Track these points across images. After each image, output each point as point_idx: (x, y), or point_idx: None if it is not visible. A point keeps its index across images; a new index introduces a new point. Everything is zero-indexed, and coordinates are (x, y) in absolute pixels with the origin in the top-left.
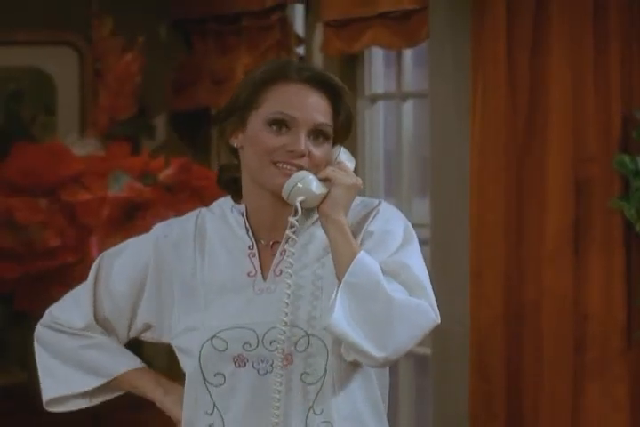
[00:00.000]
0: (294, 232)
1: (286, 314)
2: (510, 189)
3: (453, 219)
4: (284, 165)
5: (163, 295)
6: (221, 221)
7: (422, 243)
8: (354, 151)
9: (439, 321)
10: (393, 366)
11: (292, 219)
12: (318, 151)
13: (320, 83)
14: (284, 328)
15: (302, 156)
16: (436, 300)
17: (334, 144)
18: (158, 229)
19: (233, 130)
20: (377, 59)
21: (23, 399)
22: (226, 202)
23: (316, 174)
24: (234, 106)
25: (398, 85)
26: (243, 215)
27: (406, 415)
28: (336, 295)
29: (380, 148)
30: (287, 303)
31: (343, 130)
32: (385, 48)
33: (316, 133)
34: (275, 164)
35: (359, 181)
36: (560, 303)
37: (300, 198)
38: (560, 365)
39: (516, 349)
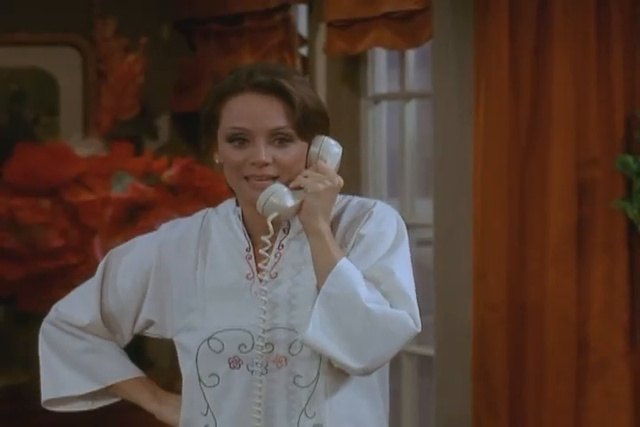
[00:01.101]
0: (268, 250)
1: (263, 321)
2: (513, 189)
3: (456, 219)
4: (255, 179)
5: (163, 294)
6: (225, 222)
7: (425, 243)
8: (357, 151)
9: (419, 330)
10: (396, 367)
11: (264, 238)
12: (285, 155)
13: (267, 87)
14: (263, 335)
15: (265, 165)
16: (439, 300)
17: (310, 138)
18: (164, 228)
19: (211, 147)
20: (380, 59)
21: (27, 400)
22: (231, 203)
23: (288, 184)
24: (203, 123)
25: (401, 86)
26: (239, 218)
27: (409, 416)
28: (313, 306)
29: (384, 148)
30: (264, 314)
31: (308, 124)
32: (388, 48)
33: (278, 138)
34: (246, 178)
35: (335, 181)
36: (563, 304)
37: (273, 215)
38: (563, 366)
39: (518, 349)
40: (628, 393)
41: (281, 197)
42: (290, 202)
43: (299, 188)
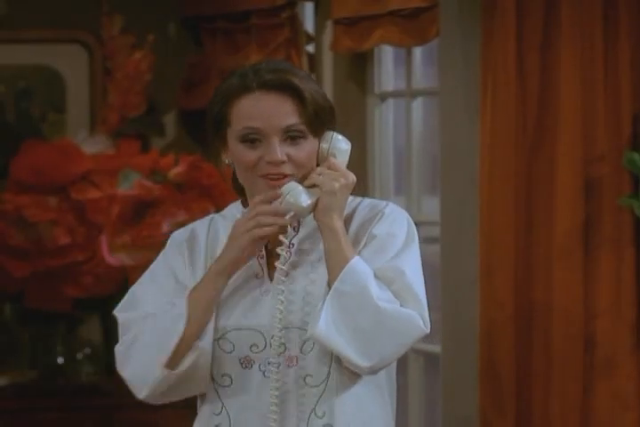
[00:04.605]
0: (285, 249)
1: (280, 320)
2: (520, 186)
3: (463, 217)
4: (271, 177)
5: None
6: (232, 224)
7: (432, 241)
8: (363, 149)
9: (428, 331)
10: (402, 365)
11: (281, 237)
12: (299, 152)
13: (276, 85)
14: (279, 334)
15: (282, 163)
16: (446, 298)
17: (321, 134)
18: (174, 234)
19: (220, 147)
20: (386, 57)
21: (33, 398)
22: (237, 206)
23: (302, 182)
24: (211, 124)
25: (408, 83)
26: None
27: (416, 414)
28: (324, 302)
29: (390, 145)
30: (280, 313)
31: (319, 119)
32: (395, 46)
33: (291, 135)
34: (261, 177)
35: (349, 178)
36: (570, 302)
37: (290, 214)
38: (570, 364)
39: (525, 347)
40: (636, 391)
41: (297, 196)
42: (306, 201)
43: (313, 185)
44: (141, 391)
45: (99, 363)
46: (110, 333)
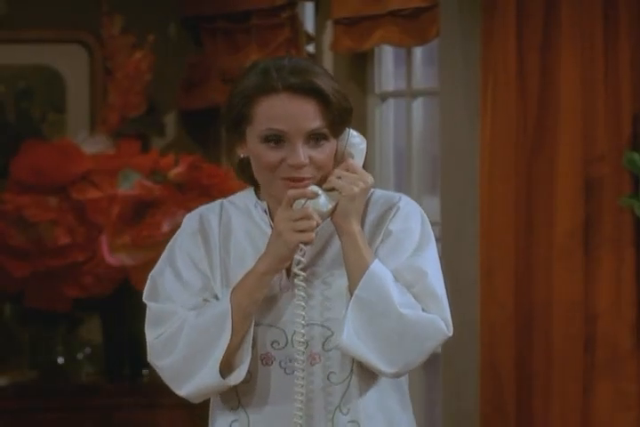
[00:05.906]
0: (301, 254)
1: (303, 317)
2: (520, 186)
3: (463, 217)
4: (291, 179)
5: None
6: (246, 216)
7: None
8: None
9: (451, 335)
10: None
11: (297, 256)
12: (320, 154)
13: (302, 88)
14: (302, 331)
15: (304, 166)
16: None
17: (340, 134)
18: (187, 224)
19: (235, 142)
20: (387, 57)
21: (33, 398)
22: (249, 196)
23: (320, 184)
24: (229, 119)
25: (408, 83)
26: (266, 213)
27: (416, 414)
28: (347, 310)
29: (390, 145)
30: (303, 319)
31: (341, 121)
32: (395, 46)
33: (314, 138)
34: (281, 180)
35: (367, 182)
36: (570, 302)
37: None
38: (570, 364)
39: (525, 347)
40: (636, 391)
41: (317, 201)
42: (326, 206)
43: (332, 189)
44: (181, 389)
45: (99, 363)
46: (110, 333)
